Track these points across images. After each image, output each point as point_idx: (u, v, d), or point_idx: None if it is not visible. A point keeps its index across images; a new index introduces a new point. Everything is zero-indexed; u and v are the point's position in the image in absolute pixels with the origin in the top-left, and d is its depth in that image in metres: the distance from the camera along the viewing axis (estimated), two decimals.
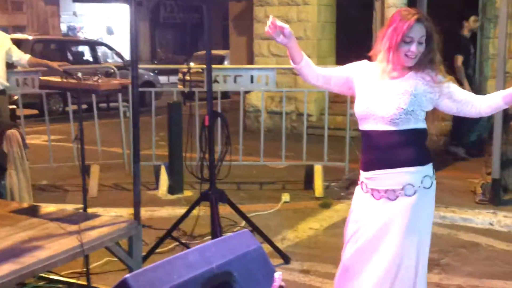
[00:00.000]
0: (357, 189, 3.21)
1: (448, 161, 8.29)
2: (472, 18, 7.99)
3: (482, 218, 5.91)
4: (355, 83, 3.14)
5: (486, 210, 6.05)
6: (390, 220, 3.04)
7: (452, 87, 3.05)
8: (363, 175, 3.14)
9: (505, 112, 6.28)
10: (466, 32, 8.30)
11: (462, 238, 5.54)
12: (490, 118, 7.45)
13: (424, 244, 3.13)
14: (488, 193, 6.24)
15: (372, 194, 3.09)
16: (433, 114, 3.14)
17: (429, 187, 3.07)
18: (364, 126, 3.08)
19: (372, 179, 3.07)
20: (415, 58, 2.97)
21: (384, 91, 3.02)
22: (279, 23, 2.98)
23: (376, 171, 3.05)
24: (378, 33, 3.11)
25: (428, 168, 3.08)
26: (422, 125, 3.06)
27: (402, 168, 3.01)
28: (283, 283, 2.59)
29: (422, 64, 3.00)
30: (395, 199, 3.03)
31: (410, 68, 3.02)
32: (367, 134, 3.08)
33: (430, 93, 3.01)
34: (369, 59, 3.18)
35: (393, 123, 2.97)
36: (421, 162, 3.06)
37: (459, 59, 7.87)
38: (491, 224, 5.83)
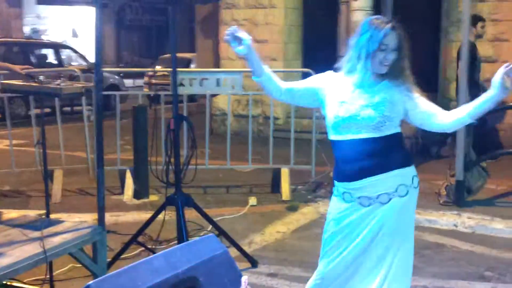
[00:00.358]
0: (336, 200, 3.17)
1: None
2: (480, 23, 8.00)
3: (447, 219, 5.98)
4: (326, 94, 3.12)
5: (451, 212, 6.13)
6: (385, 223, 3.05)
7: (419, 98, 3.06)
8: (346, 185, 3.09)
9: None
10: (472, 38, 8.34)
11: (427, 239, 5.60)
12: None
13: (411, 239, 3.17)
14: (452, 194, 6.33)
15: (360, 203, 3.07)
16: None
17: (417, 187, 3.14)
18: (344, 136, 3.04)
19: (362, 188, 3.05)
20: (388, 66, 2.99)
21: (364, 100, 3.01)
22: (240, 33, 2.96)
23: (366, 179, 3.03)
24: (349, 42, 3.08)
25: (414, 168, 3.15)
26: (400, 129, 3.10)
27: (395, 171, 3.04)
28: (249, 287, 2.57)
29: (395, 72, 3.02)
30: (388, 202, 3.04)
31: (383, 77, 3.03)
32: (347, 143, 3.04)
33: (404, 102, 3.02)
34: (334, 70, 3.17)
35: (378, 129, 2.98)
36: (409, 163, 3.11)
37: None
38: (455, 225, 5.90)
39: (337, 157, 3.13)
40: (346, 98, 3.04)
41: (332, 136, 3.10)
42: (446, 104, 9.77)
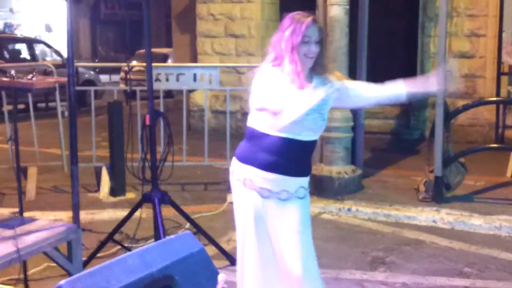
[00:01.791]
0: (238, 184, 3.21)
1: (391, 160, 8.39)
2: None
3: (426, 215, 5.98)
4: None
5: (429, 208, 6.13)
6: (283, 219, 3.12)
7: (345, 82, 3.19)
8: (257, 173, 3.10)
9: (446, 111, 6.38)
10: None
11: (406, 235, 5.60)
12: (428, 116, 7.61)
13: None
14: (431, 190, 6.32)
15: (260, 192, 3.11)
16: None
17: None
18: (286, 134, 3.01)
19: (268, 180, 3.08)
20: (313, 58, 3.04)
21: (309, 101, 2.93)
22: None
23: (279, 175, 3.08)
24: (272, 38, 3.12)
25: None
26: None
27: (306, 177, 3.19)
28: (225, 285, 2.53)
29: (320, 65, 3.10)
30: (285, 200, 3.11)
31: (311, 72, 3.08)
32: (287, 141, 3.03)
33: (333, 93, 3.06)
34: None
35: (319, 132, 3.13)
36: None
37: None
38: (434, 221, 5.90)
39: (264, 144, 3.15)
40: (293, 97, 2.97)
41: (272, 129, 3.05)
42: (425, 99, 9.82)
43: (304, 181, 3.19)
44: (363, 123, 7.35)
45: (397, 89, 3.19)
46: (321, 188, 6.51)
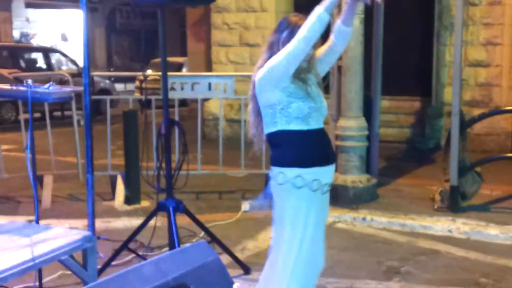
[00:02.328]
0: (284, 188, 3.26)
1: (406, 169, 8.35)
2: None
3: (441, 225, 5.94)
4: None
5: (445, 217, 6.09)
6: (321, 211, 3.37)
7: (317, 60, 3.33)
8: (302, 172, 3.20)
9: (462, 120, 6.34)
10: None
11: (422, 245, 5.56)
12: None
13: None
14: (447, 200, 6.28)
15: (310, 187, 3.25)
16: None
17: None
18: (308, 125, 3.18)
19: (314, 174, 3.22)
20: (307, 60, 3.19)
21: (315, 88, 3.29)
22: None
23: (319, 167, 3.25)
24: (269, 39, 3.24)
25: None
26: None
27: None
28: None
29: (311, 64, 3.27)
30: (325, 193, 3.36)
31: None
32: (313, 131, 3.21)
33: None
34: None
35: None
36: None
37: None
38: (450, 231, 5.86)
39: (298, 144, 3.24)
40: (305, 88, 3.21)
41: (290, 126, 3.19)
42: (440, 108, 9.78)
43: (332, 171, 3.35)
44: (378, 132, 7.33)
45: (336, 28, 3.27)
46: (335, 197, 6.47)
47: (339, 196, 6.51)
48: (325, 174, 3.27)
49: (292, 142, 3.19)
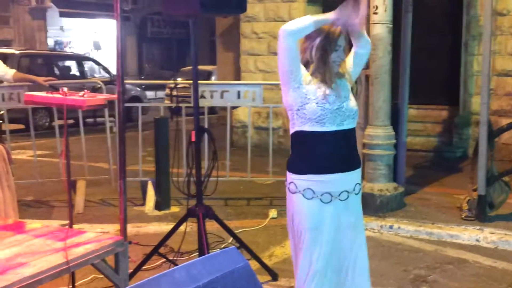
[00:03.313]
0: (297, 197, 3.41)
1: (434, 177, 8.33)
2: None
3: (469, 234, 5.93)
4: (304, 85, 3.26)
5: (473, 227, 6.08)
6: (343, 217, 3.42)
7: (349, 64, 3.40)
8: (314, 178, 3.30)
9: (490, 129, 6.33)
10: None
11: (449, 254, 5.56)
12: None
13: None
14: (474, 209, 6.27)
15: (321, 199, 3.32)
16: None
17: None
18: (322, 126, 3.23)
19: (327, 182, 3.30)
20: (339, 64, 3.30)
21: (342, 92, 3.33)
22: None
23: (334, 174, 3.31)
24: (304, 46, 3.29)
25: None
26: None
27: (359, 171, 3.44)
28: None
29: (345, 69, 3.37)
30: (346, 200, 3.39)
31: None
32: (328, 133, 3.25)
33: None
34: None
35: (349, 119, 3.34)
36: None
37: None
38: (477, 240, 5.85)
39: (320, 148, 3.29)
40: (325, 89, 3.25)
41: (311, 128, 3.25)
42: (468, 117, 9.73)
43: (358, 176, 3.41)
44: (405, 140, 7.34)
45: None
46: (363, 205, 6.50)
47: (366, 204, 6.49)
48: (341, 182, 3.30)
49: (307, 143, 3.27)
